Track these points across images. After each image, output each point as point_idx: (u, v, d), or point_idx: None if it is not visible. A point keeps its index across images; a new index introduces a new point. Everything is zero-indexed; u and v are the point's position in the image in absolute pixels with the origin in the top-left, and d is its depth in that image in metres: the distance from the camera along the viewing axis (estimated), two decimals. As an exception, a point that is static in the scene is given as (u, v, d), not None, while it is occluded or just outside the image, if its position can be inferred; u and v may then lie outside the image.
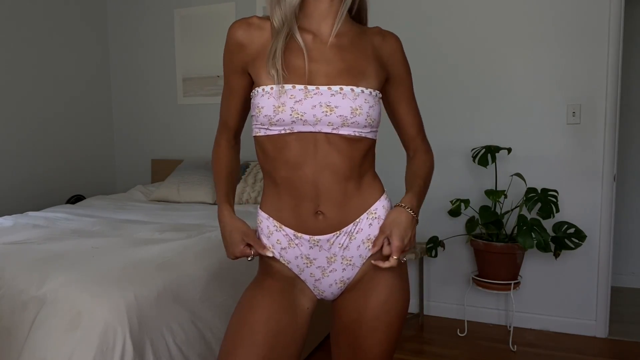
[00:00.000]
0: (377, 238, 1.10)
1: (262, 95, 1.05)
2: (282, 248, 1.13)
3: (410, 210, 1.10)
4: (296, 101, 1.04)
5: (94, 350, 1.42)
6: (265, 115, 1.05)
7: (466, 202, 2.80)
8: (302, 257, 1.13)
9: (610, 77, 2.67)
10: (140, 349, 1.52)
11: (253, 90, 1.09)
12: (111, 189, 4.02)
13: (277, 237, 1.13)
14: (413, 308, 3.19)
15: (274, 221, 1.13)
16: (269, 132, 1.07)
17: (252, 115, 1.09)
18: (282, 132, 1.06)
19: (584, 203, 2.79)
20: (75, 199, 3.57)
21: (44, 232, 2.24)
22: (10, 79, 3.25)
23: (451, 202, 2.86)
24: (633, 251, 3.64)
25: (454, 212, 2.84)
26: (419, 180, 1.19)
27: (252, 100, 1.09)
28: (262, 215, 1.15)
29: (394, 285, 1.15)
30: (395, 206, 1.13)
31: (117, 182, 4.08)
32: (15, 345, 1.51)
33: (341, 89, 1.06)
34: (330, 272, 1.14)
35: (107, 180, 4.00)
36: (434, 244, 2.88)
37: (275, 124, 1.05)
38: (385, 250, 1.07)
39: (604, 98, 2.70)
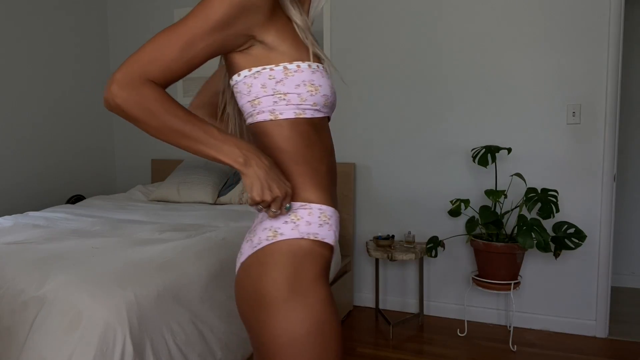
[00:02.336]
0: None
1: (314, 72, 0.94)
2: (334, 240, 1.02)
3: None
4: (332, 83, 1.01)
5: (94, 350, 1.42)
6: (324, 95, 0.96)
7: (466, 202, 2.80)
8: None
9: (610, 77, 2.67)
10: (140, 349, 1.52)
11: (289, 64, 0.93)
12: (111, 189, 4.02)
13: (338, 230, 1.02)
14: (413, 308, 3.19)
15: (336, 212, 1.01)
16: (316, 115, 0.97)
17: (292, 93, 0.94)
18: (324, 115, 1.00)
19: (584, 203, 2.79)
20: (75, 199, 3.57)
21: (44, 232, 2.24)
22: (10, 78, 3.25)
23: (451, 202, 2.86)
24: (633, 251, 3.64)
25: (454, 212, 2.84)
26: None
27: (282, 76, 0.93)
28: (330, 210, 0.99)
29: None
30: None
31: (117, 182, 4.08)
32: (15, 345, 1.51)
33: None
34: None
35: (107, 180, 4.00)
36: (434, 244, 2.88)
37: (326, 106, 0.98)
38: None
39: (604, 98, 2.70)
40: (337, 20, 3.21)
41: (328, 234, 0.97)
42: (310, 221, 0.95)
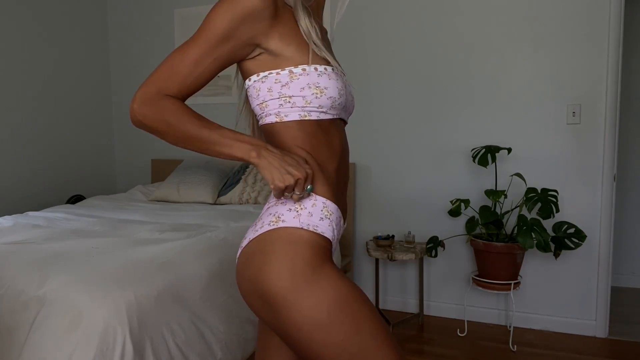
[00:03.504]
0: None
1: (320, 75, 0.97)
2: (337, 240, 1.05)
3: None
4: (346, 86, 1.04)
5: (94, 350, 1.42)
6: (330, 97, 0.98)
7: (466, 202, 2.80)
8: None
9: (610, 77, 2.67)
10: (140, 349, 1.52)
11: (295, 68, 0.96)
12: (111, 189, 4.02)
13: (339, 230, 1.04)
14: (413, 308, 3.19)
15: (338, 210, 1.03)
16: (322, 117, 1.00)
17: (297, 96, 0.97)
18: (333, 117, 1.03)
19: (584, 203, 2.79)
20: (75, 199, 3.57)
21: (44, 232, 2.24)
22: (10, 78, 3.25)
23: (451, 202, 2.86)
24: (633, 251, 3.64)
25: (454, 212, 2.84)
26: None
27: (288, 79, 0.97)
28: (333, 207, 1.01)
29: None
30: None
31: (117, 182, 4.08)
32: (15, 345, 1.51)
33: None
34: None
35: (107, 180, 4.00)
36: (434, 244, 2.88)
37: (334, 108, 1.01)
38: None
39: (604, 98, 2.70)
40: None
41: (327, 229, 0.97)
42: (312, 213, 0.97)
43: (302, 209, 0.97)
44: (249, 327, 2.01)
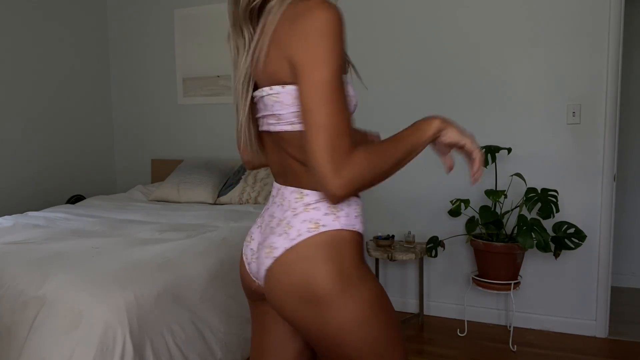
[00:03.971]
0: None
1: (348, 83, 1.01)
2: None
3: None
4: None
5: (94, 350, 1.42)
6: (355, 104, 1.03)
7: (466, 202, 2.80)
8: None
9: (610, 77, 2.67)
10: (140, 349, 1.52)
11: None
12: (111, 189, 4.02)
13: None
14: (413, 308, 3.19)
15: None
16: None
17: None
18: None
19: (584, 203, 2.79)
20: (75, 199, 3.57)
21: (44, 232, 2.24)
22: (11, 79, 3.25)
23: (451, 202, 2.86)
24: (633, 251, 3.64)
25: (454, 212, 2.84)
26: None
27: None
28: (362, 203, 1.07)
29: None
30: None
31: (117, 182, 4.08)
32: (15, 345, 1.51)
33: None
34: None
35: (107, 180, 4.00)
36: (434, 244, 2.88)
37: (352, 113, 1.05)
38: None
39: (604, 98, 2.70)
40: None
41: (361, 226, 1.03)
42: (349, 213, 1.01)
43: (338, 211, 1.00)
44: (249, 327, 2.01)
